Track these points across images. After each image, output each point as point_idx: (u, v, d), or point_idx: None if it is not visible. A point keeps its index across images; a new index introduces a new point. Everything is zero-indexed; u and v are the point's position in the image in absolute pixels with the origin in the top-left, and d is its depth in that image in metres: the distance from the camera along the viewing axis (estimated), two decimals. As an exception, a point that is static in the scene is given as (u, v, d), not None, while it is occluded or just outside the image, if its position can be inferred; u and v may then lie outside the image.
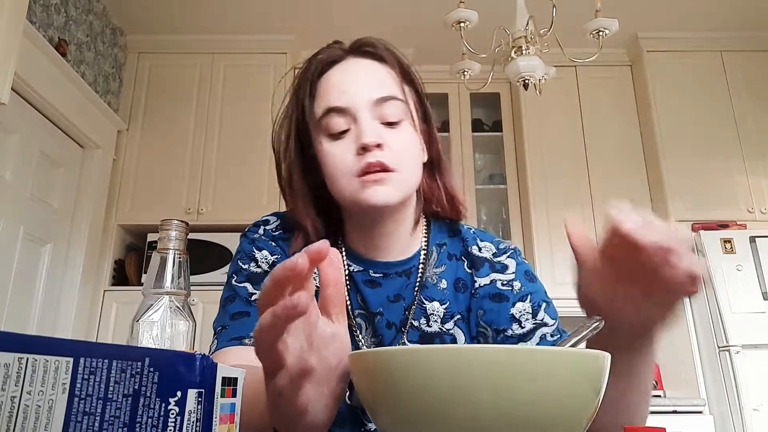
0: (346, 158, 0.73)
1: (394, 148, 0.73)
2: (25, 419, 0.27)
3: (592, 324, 0.51)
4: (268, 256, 0.79)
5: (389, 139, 0.73)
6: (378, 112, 0.74)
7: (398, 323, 0.79)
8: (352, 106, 0.73)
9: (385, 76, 0.77)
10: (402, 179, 0.73)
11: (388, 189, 0.72)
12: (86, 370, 0.28)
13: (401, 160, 0.73)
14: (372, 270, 0.80)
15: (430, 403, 0.37)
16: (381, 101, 0.74)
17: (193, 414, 0.29)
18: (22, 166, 2.42)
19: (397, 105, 0.75)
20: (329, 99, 0.75)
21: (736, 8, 3.09)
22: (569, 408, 0.38)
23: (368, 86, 0.75)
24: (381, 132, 0.73)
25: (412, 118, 0.77)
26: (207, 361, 0.30)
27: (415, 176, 0.77)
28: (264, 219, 0.86)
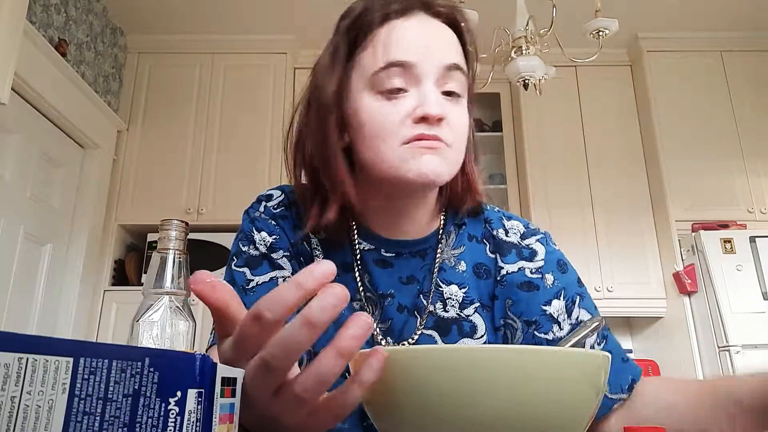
0: (395, 121, 0.64)
1: (453, 123, 0.66)
2: (25, 419, 0.27)
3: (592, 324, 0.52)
4: (266, 238, 0.75)
5: (449, 112, 0.66)
6: (443, 80, 0.66)
7: (410, 306, 0.74)
8: (420, 65, 0.65)
9: (454, 43, 0.69)
10: (453, 157, 0.66)
11: (441, 162, 0.64)
12: (86, 370, 0.28)
13: (456, 137, 0.66)
14: (384, 249, 0.75)
15: (430, 403, 0.37)
16: (450, 68, 0.66)
17: (193, 414, 0.29)
18: (22, 166, 2.42)
19: (462, 78, 0.68)
20: (394, 52, 0.65)
21: (736, 8, 3.09)
22: (569, 408, 0.38)
23: (440, 49, 0.66)
24: (442, 103, 0.65)
25: (470, 96, 0.70)
26: (207, 361, 0.30)
27: (461, 157, 0.69)
28: (267, 193, 0.81)
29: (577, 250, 2.98)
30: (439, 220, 0.77)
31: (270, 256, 0.75)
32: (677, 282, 2.84)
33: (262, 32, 3.27)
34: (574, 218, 3.09)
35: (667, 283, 2.96)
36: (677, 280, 2.84)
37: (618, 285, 3.00)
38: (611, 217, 3.10)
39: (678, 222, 2.95)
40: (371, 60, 0.66)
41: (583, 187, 3.16)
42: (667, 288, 2.98)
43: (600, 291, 2.98)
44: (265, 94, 3.20)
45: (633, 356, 3.22)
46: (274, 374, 0.37)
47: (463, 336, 0.73)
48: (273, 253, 0.75)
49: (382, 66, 0.65)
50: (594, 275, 3.00)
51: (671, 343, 2.94)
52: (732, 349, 2.54)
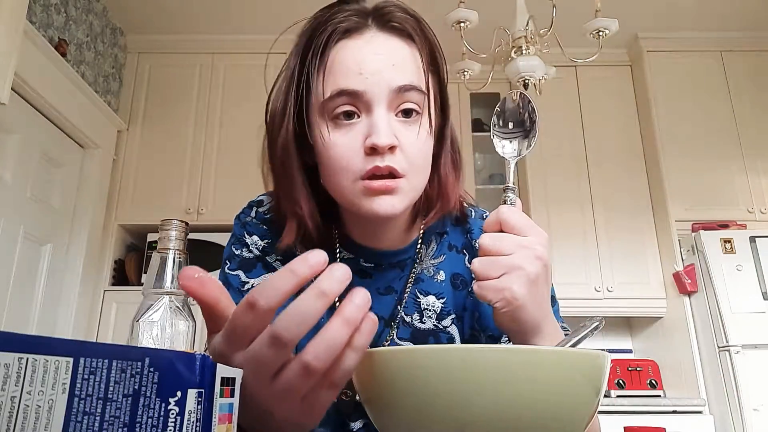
0: (350, 154, 0.62)
1: (407, 149, 0.63)
2: (25, 419, 0.27)
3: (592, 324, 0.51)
4: (258, 241, 0.76)
5: (402, 137, 0.63)
6: (396, 102, 0.63)
7: (387, 317, 0.74)
8: (368, 91, 0.62)
9: (409, 61, 0.65)
10: (410, 186, 0.64)
11: (394, 200, 0.63)
12: (86, 370, 0.28)
13: (412, 164, 0.64)
14: (363, 259, 0.74)
15: (430, 403, 0.37)
16: (401, 90, 0.63)
17: (193, 414, 0.29)
18: (22, 166, 2.42)
19: (418, 97, 0.64)
20: (341, 79, 0.63)
21: (736, 8, 3.09)
22: (569, 408, 0.38)
23: (389, 70, 0.63)
24: (396, 128, 0.63)
25: (429, 113, 0.66)
26: (207, 361, 0.30)
27: (423, 180, 0.67)
28: (258, 199, 0.81)
29: (577, 250, 2.98)
30: (419, 230, 0.76)
31: (265, 259, 0.75)
32: (677, 282, 2.84)
33: (262, 32, 3.26)
34: (574, 218, 3.09)
35: (667, 283, 2.96)
36: (677, 280, 2.84)
37: (618, 285, 3.00)
38: (611, 216, 3.10)
39: (678, 222, 2.94)
40: (320, 87, 0.64)
41: (583, 187, 3.16)
42: (667, 288, 2.98)
43: (600, 291, 2.98)
44: (265, 94, 3.19)
45: (633, 356, 3.22)
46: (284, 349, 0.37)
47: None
48: (267, 256, 0.76)
49: (330, 95, 0.63)
50: (594, 275, 3.00)
51: (671, 343, 2.94)
52: (732, 349, 2.54)
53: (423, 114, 0.65)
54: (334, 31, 0.65)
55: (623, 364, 2.93)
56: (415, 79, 0.65)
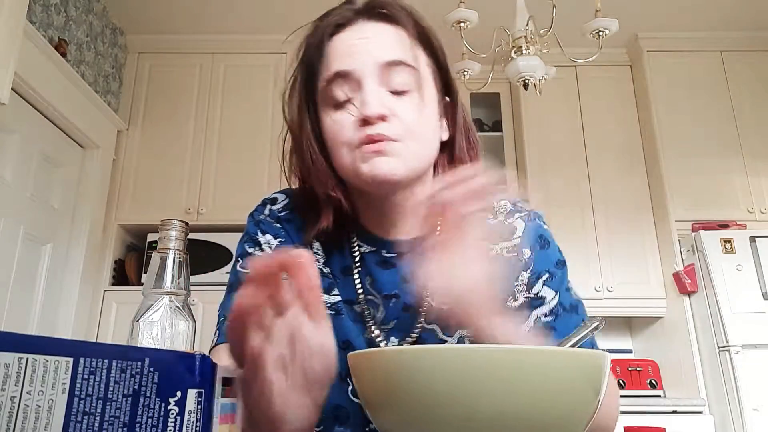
0: (346, 129, 0.67)
1: (402, 116, 0.67)
2: (25, 419, 0.27)
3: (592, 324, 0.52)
4: (271, 240, 0.76)
5: (396, 108, 0.67)
6: (385, 78, 0.67)
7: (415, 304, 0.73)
8: (356, 69, 0.67)
9: (396, 39, 0.70)
10: (409, 151, 0.67)
11: (392, 161, 0.66)
12: (86, 370, 0.28)
13: (408, 131, 0.67)
14: (385, 250, 0.75)
15: (430, 403, 0.37)
16: (388, 65, 0.67)
17: (193, 414, 0.29)
18: (22, 166, 2.42)
19: (407, 71, 0.68)
20: (334, 64, 0.69)
21: (736, 8, 3.09)
22: (569, 408, 0.38)
23: (376, 49, 0.68)
24: (387, 101, 0.67)
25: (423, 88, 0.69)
26: (207, 361, 0.30)
27: (427, 150, 0.70)
28: (272, 197, 0.82)
29: (577, 250, 2.98)
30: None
31: None
32: (677, 282, 2.84)
33: (262, 32, 3.26)
34: (574, 218, 3.08)
35: (667, 283, 2.96)
36: (677, 280, 2.84)
37: (618, 285, 3.00)
38: (611, 217, 3.10)
39: (678, 222, 2.94)
40: (323, 75, 0.70)
41: (583, 186, 3.15)
42: (667, 288, 2.98)
43: (600, 291, 2.98)
44: (265, 94, 3.20)
45: (633, 356, 3.22)
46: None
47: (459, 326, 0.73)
48: None
49: (326, 82, 0.69)
50: (594, 275, 3.00)
51: (671, 343, 2.94)
52: (732, 349, 2.54)
53: (415, 90, 0.68)
54: (327, 27, 0.71)
55: (623, 364, 2.93)
56: (403, 56, 0.68)
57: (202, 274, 2.81)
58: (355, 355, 0.43)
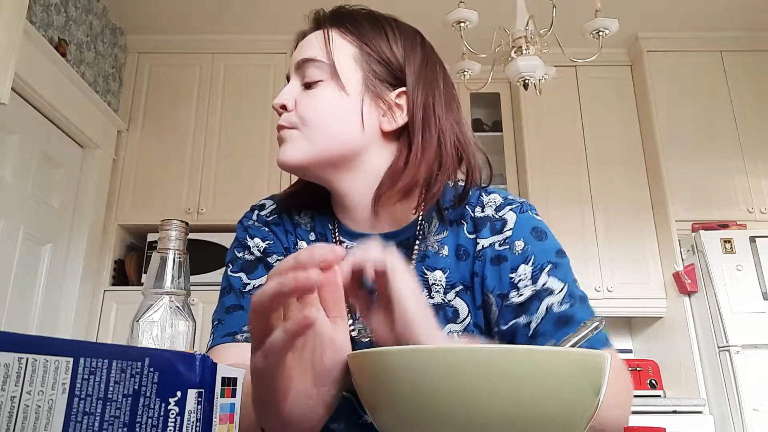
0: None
1: (300, 108, 0.74)
2: (25, 419, 0.27)
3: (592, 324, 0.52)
4: (259, 243, 0.79)
5: (301, 100, 0.74)
6: (301, 74, 0.75)
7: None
8: (288, 73, 0.78)
9: (317, 40, 0.76)
10: (306, 138, 0.73)
11: (288, 147, 0.73)
12: (86, 370, 0.28)
13: (304, 120, 0.73)
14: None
15: (430, 403, 0.37)
16: (302, 63, 0.75)
17: (193, 414, 0.29)
18: (22, 166, 2.42)
19: (317, 66, 0.74)
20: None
21: (736, 8, 3.09)
22: (569, 408, 0.38)
23: (298, 51, 0.77)
24: (296, 94, 0.75)
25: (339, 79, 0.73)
26: (207, 361, 0.30)
27: (332, 135, 0.73)
28: (260, 203, 0.86)
29: (577, 250, 2.98)
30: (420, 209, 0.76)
31: (265, 260, 0.77)
32: (677, 282, 2.84)
33: (262, 32, 3.26)
34: (573, 218, 3.09)
35: (667, 283, 2.96)
36: (677, 280, 2.84)
37: (618, 285, 3.00)
38: (611, 217, 3.10)
39: (678, 222, 2.94)
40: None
41: (583, 187, 3.15)
42: (667, 288, 2.98)
43: (600, 291, 2.98)
44: (265, 94, 3.20)
45: (633, 356, 3.22)
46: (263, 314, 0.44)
47: (447, 322, 0.74)
48: (268, 257, 0.78)
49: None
50: (594, 275, 3.00)
51: (671, 343, 2.94)
52: (732, 349, 2.54)
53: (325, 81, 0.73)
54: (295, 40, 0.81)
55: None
56: (315, 53, 0.75)
57: (202, 274, 2.81)
58: (355, 355, 0.43)
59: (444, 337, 0.67)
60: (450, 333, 0.73)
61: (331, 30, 0.76)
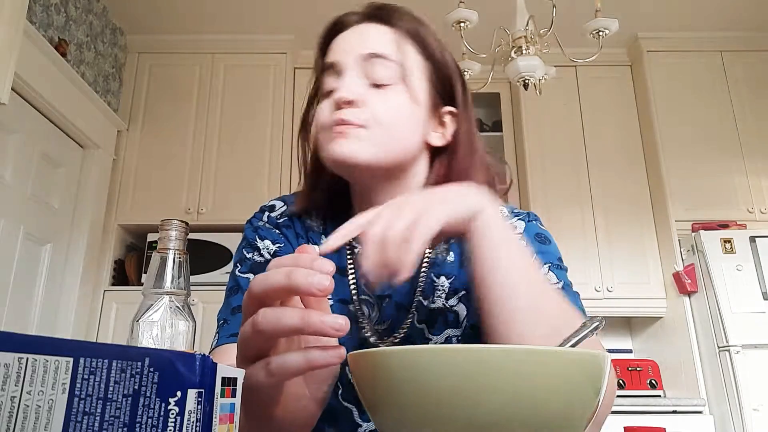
0: (323, 113, 0.71)
1: (373, 106, 0.69)
2: (25, 419, 0.27)
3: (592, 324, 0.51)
4: (270, 246, 0.77)
5: (371, 98, 0.69)
6: (366, 70, 0.71)
7: (406, 303, 0.75)
8: (341, 61, 0.72)
9: (383, 36, 0.73)
10: (375, 139, 0.69)
11: (353, 144, 0.68)
12: (86, 370, 0.28)
13: (376, 120, 0.69)
14: None
15: (430, 403, 0.37)
16: (369, 57, 0.71)
17: (193, 414, 0.29)
18: (22, 166, 2.42)
19: (388, 65, 0.71)
20: (327, 58, 0.75)
21: (736, 8, 3.09)
22: (569, 408, 0.38)
23: (360, 44, 0.72)
24: (361, 89, 0.70)
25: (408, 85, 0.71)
26: (207, 361, 0.30)
27: (396, 142, 0.71)
28: (270, 204, 0.83)
29: (576, 250, 2.98)
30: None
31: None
32: (677, 282, 2.84)
33: (262, 32, 3.26)
34: (573, 218, 3.09)
35: (667, 283, 2.96)
36: (677, 280, 2.84)
37: (618, 285, 3.00)
38: (611, 217, 3.10)
39: (678, 222, 2.94)
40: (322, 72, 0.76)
41: (583, 187, 3.15)
42: (667, 288, 2.98)
43: (600, 291, 2.98)
44: (265, 94, 3.20)
45: (633, 356, 3.22)
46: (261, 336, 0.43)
47: (447, 327, 0.74)
48: None
49: (321, 74, 0.75)
50: (594, 275, 3.00)
51: (671, 343, 2.94)
52: (732, 349, 2.54)
53: (396, 84, 0.71)
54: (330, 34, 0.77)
55: (623, 364, 2.93)
56: (384, 49, 0.72)
57: (202, 274, 2.81)
58: (355, 355, 0.43)
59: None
60: (449, 338, 0.73)
61: (396, 30, 0.74)
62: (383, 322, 0.75)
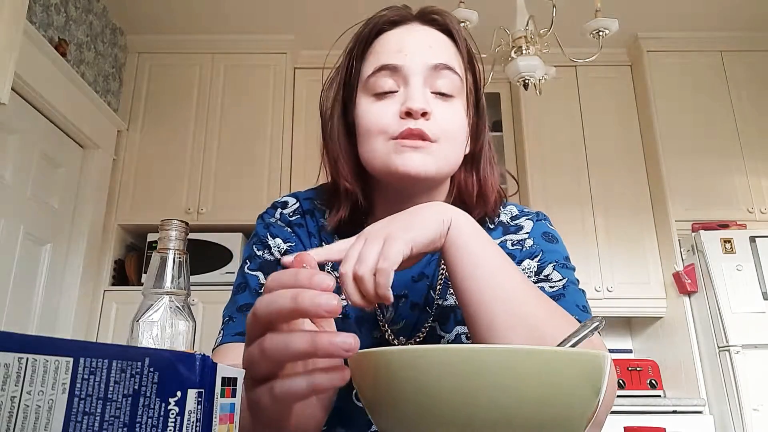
0: (385, 118, 0.69)
1: (440, 118, 0.69)
2: (25, 419, 0.27)
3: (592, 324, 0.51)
4: (281, 244, 0.76)
5: (438, 110, 0.69)
6: (432, 80, 0.70)
7: (422, 303, 0.75)
8: (406, 65, 0.69)
9: (447, 47, 0.73)
10: (442, 153, 0.69)
11: (425, 159, 0.67)
12: (86, 370, 0.28)
13: (444, 131, 0.69)
14: None
15: (430, 403, 0.37)
16: (438, 68, 0.70)
17: (193, 414, 0.29)
18: (22, 166, 2.42)
19: (453, 78, 0.71)
20: (383, 57, 0.71)
21: (736, 8, 3.09)
22: (569, 408, 0.38)
23: (428, 50, 0.70)
24: (431, 102, 0.69)
25: (466, 99, 0.73)
26: (207, 361, 0.30)
27: (456, 156, 0.72)
28: (283, 200, 0.82)
29: (577, 250, 2.98)
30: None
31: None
32: (677, 282, 2.84)
33: (262, 32, 3.26)
34: (573, 218, 3.08)
35: (667, 283, 2.96)
36: (677, 280, 2.84)
37: (618, 285, 3.00)
38: (611, 217, 3.10)
39: (678, 222, 2.94)
40: (367, 68, 0.72)
41: (583, 187, 3.15)
42: (667, 288, 2.98)
43: (600, 291, 2.98)
44: (265, 94, 3.20)
45: (633, 356, 3.22)
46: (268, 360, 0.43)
47: (457, 324, 0.74)
48: None
49: (373, 71, 0.71)
50: (594, 275, 3.00)
51: (671, 343, 2.94)
52: (732, 349, 2.54)
53: (458, 97, 0.71)
54: (379, 22, 0.74)
55: (623, 364, 2.93)
56: (451, 62, 0.71)
57: (202, 274, 2.81)
58: (356, 356, 0.43)
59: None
60: (458, 336, 0.74)
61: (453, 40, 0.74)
62: (399, 321, 0.75)
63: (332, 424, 0.73)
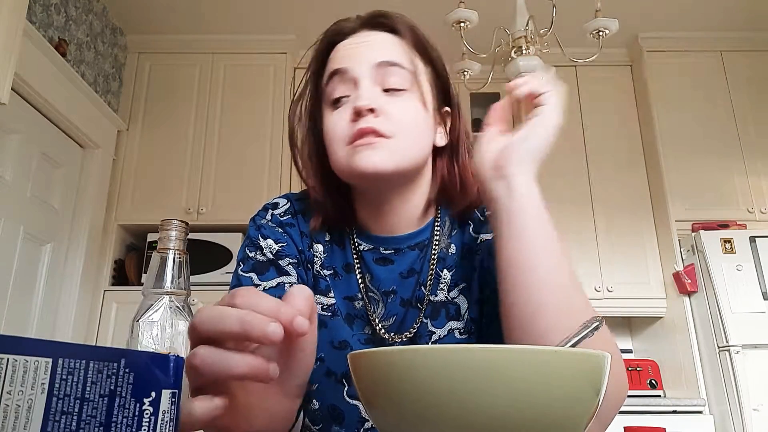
0: (341, 125, 0.70)
1: (392, 115, 0.70)
2: (5, 419, 0.27)
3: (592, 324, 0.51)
4: (272, 245, 0.77)
5: (388, 106, 0.70)
6: (381, 78, 0.71)
7: (412, 299, 0.76)
8: (352, 68, 0.72)
9: (394, 45, 0.74)
10: (399, 147, 0.69)
11: (380, 154, 0.68)
12: (64, 371, 0.29)
13: (399, 127, 0.70)
14: (383, 247, 0.77)
15: (430, 403, 0.37)
16: (383, 65, 0.71)
17: (167, 414, 0.29)
18: (22, 166, 2.42)
19: (401, 73, 0.72)
20: (333, 65, 0.74)
21: (736, 8, 3.08)
22: (569, 408, 0.38)
23: (372, 51, 0.73)
24: (379, 98, 0.70)
25: (421, 92, 0.73)
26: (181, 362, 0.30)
27: (417, 148, 0.72)
28: (274, 202, 0.83)
29: (576, 250, 2.98)
30: (435, 211, 0.80)
31: (277, 263, 0.76)
32: (677, 282, 2.84)
33: (262, 32, 3.26)
34: (573, 218, 3.08)
35: (667, 283, 2.96)
36: (677, 280, 2.84)
37: (618, 285, 3.00)
38: (611, 217, 3.10)
39: (678, 222, 2.94)
40: (324, 77, 0.75)
41: (582, 187, 3.15)
42: (667, 288, 2.98)
43: (600, 291, 2.98)
44: (265, 94, 3.20)
45: (633, 356, 3.22)
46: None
47: (449, 319, 0.75)
48: (280, 260, 0.76)
49: (326, 80, 0.74)
50: (594, 275, 3.00)
51: (671, 343, 2.94)
52: (732, 349, 2.54)
53: (411, 90, 0.72)
54: (331, 36, 0.77)
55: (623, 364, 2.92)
56: (397, 58, 0.73)
57: (202, 274, 2.81)
58: (355, 355, 0.43)
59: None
60: (451, 331, 0.74)
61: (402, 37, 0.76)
62: (389, 318, 0.76)
63: (325, 421, 0.73)
